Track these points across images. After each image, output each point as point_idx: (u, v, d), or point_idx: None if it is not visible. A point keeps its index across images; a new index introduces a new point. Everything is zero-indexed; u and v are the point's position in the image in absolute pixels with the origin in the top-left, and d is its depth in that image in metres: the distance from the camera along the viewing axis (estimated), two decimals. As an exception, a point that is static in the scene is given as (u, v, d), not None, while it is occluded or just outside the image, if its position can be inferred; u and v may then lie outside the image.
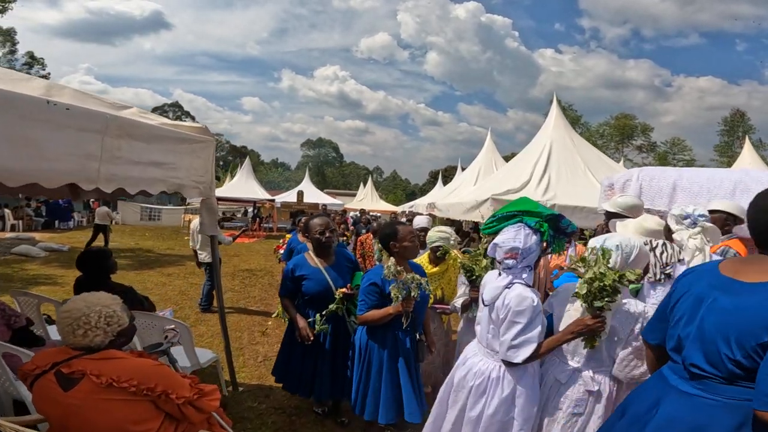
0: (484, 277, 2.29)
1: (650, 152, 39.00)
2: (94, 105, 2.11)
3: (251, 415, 3.29)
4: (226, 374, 3.71)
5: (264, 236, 18.43)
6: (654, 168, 3.82)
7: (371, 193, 27.92)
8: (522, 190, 6.77)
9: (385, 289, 2.48)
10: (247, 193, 21.38)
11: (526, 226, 2.02)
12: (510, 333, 1.88)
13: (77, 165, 1.70)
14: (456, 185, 14.38)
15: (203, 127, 2.64)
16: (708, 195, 3.25)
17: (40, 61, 34.29)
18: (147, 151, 2.10)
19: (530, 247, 1.98)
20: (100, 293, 1.75)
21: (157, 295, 7.06)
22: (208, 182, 2.70)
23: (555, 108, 8.72)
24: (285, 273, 2.94)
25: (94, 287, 3.12)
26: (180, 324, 3.08)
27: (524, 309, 1.86)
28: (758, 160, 11.12)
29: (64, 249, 11.12)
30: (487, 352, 2.06)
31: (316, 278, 2.85)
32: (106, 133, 1.79)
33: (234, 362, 3.78)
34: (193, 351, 3.18)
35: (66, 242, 12.31)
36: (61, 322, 1.64)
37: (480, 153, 14.12)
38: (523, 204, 2.15)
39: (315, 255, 2.93)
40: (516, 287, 1.93)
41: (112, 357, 1.68)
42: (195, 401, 1.79)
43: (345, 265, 3.01)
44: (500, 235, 2.07)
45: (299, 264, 2.91)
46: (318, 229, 2.86)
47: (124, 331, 1.76)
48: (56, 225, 17.39)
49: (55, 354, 1.69)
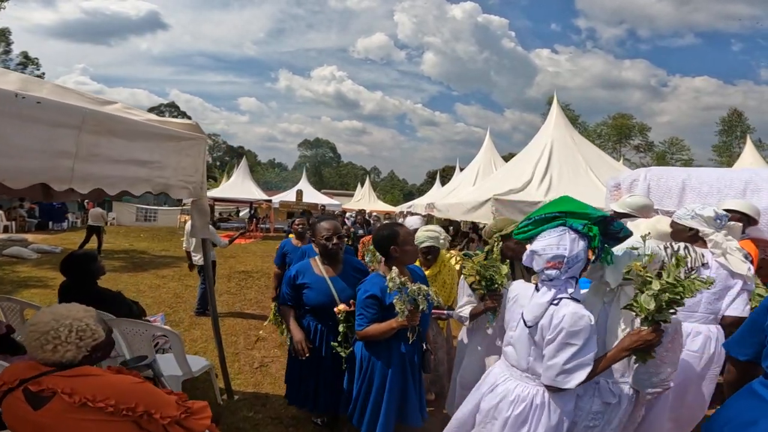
0: (513, 290, 2.00)
1: (648, 152, 39.05)
2: (73, 100, 1.96)
3: (247, 426, 3.15)
4: (221, 381, 3.56)
5: (261, 237, 18.25)
6: (662, 168, 3.73)
7: (369, 193, 27.79)
8: (524, 190, 6.67)
9: (386, 300, 2.23)
10: (244, 193, 21.23)
11: (572, 230, 1.73)
12: (561, 356, 1.64)
13: (48, 163, 1.54)
14: (455, 185, 14.26)
15: (194, 123, 2.48)
16: (718, 195, 3.17)
17: (35, 61, 34.13)
18: (129, 149, 1.93)
19: (577, 254, 1.69)
20: (72, 305, 1.60)
21: (150, 297, 6.90)
22: (199, 182, 2.54)
23: (555, 107, 8.63)
24: (286, 278, 2.69)
25: (79, 293, 3.00)
26: (170, 332, 2.93)
27: (580, 330, 1.61)
28: (760, 160, 11.04)
29: (57, 251, 10.94)
30: (526, 376, 1.81)
31: (320, 288, 2.59)
32: (82, 128, 1.63)
33: (229, 368, 3.62)
34: (184, 359, 3.03)
35: (59, 244, 12.12)
36: (28, 336, 1.50)
37: (479, 153, 14.00)
38: (566, 204, 1.82)
39: (321, 261, 2.67)
40: (568, 304, 1.66)
41: (87, 374, 1.53)
42: (183, 420, 1.65)
43: (352, 275, 2.69)
44: (539, 241, 1.78)
45: (303, 270, 2.66)
46: (325, 234, 2.58)
47: (99, 346, 1.61)
48: (50, 226, 17.18)
49: (23, 369, 1.54)
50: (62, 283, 3.03)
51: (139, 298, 6.78)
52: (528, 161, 7.64)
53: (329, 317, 2.57)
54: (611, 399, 1.83)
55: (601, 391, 1.83)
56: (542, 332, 1.70)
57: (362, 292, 2.31)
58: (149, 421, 1.55)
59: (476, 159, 13.85)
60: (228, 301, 6.94)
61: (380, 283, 2.25)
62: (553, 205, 1.86)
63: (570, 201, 1.84)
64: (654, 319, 1.61)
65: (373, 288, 2.27)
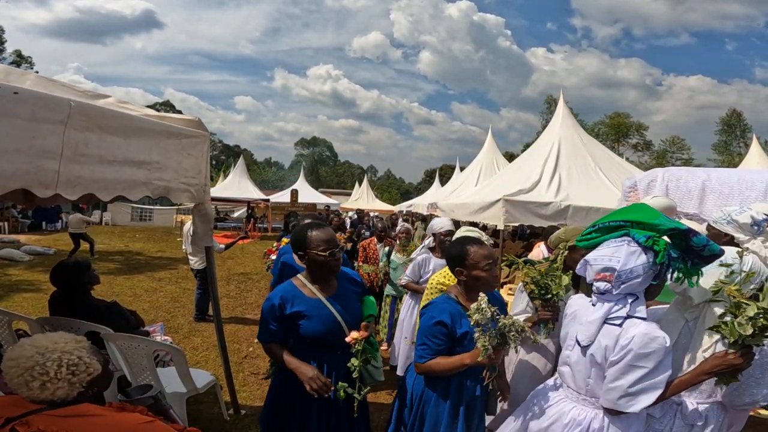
0: (572, 305, 1.85)
1: (645, 150, 39.08)
2: (60, 92, 1.72)
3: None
4: (226, 395, 3.32)
5: (258, 237, 17.96)
6: (680, 168, 3.56)
7: (367, 192, 27.51)
8: (533, 190, 6.47)
9: (457, 330, 1.84)
10: (242, 192, 20.95)
11: (633, 242, 1.59)
12: (627, 379, 1.50)
13: (29, 165, 1.28)
14: (456, 185, 14.05)
15: (196, 119, 2.23)
16: (740, 197, 2.99)
17: (28, 59, 33.63)
18: (124, 148, 1.68)
19: (632, 269, 1.53)
20: (57, 334, 1.36)
21: (147, 302, 6.65)
22: (202, 184, 2.29)
23: (561, 106, 8.44)
24: (266, 311, 2.00)
25: (71, 305, 2.75)
26: (172, 347, 2.69)
27: (652, 352, 1.47)
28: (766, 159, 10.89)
29: (50, 252, 10.65)
30: (583, 399, 1.66)
31: (319, 314, 1.98)
32: (68, 124, 1.38)
33: (234, 380, 3.39)
34: (188, 375, 2.80)
35: (52, 245, 11.82)
36: (9, 372, 1.26)
37: (481, 152, 13.80)
38: (635, 213, 1.66)
39: (311, 280, 2.05)
40: (637, 324, 1.52)
41: (84, 414, 1.29)
42: None
43: (351, 291, 2.15)
44: (596, 250, 1.66)
45: (289, 297, 1.99)
46: (322, 247, 1.95)
47: (96, 380, 1.37)
48: (43, 227, 16.84)
49: (8, 405, 1.30)
50: (53, 294, 2.79)
51: (136, 302, 6.53)
52: (535, 161, 7.45)
53: (335, 350, 2.00)
54: (697, 420, 1.65)
55: (683, 412, 1.66)
56: (606, 353, 1.55)
57: (427, 318, 1.90)
58: None
59: (478, 158, 13.65)
60: (228, 305, 6.70)
61: (450, 308, 1.87)
62: (622, 212, 1.69)
63: (642, 209, 1.67)
64: (744, 343, 1.42)
65: (442, 314, 1.85)
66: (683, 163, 35.44)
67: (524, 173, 7.29)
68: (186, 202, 2.25)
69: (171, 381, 2.87)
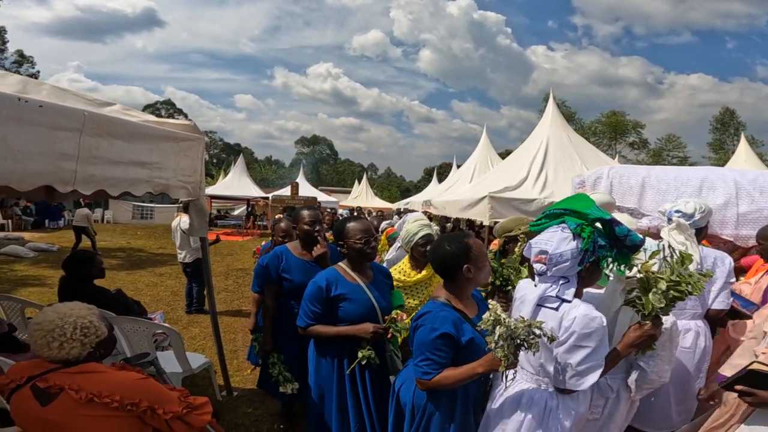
0: (520, 289, 1.93)
1: (643, 149, 39.29)
2: (72, 102, 1.98)
3: (246, 422, 3.20)
4: (220, 379, 3.60)
5: (258, 234, 18.27)
6: (624, 166, 3.84)
7: (366, 190, 27.80)
8: (519, 187, 6.72)
9: (462, 337, 1.74)
10: (242, 190, 21.19)
11: (566, 228, 1.71)
12: (574, 358, 1.59)
13: (52, 166, 1.57)
14: (451, 182, 14.31)
15: (192, 124, 2.51)
16: (675, 192, 3.26)
17: (30, 59, 33.90)
18: (129, 150, 1.96)
19: (562, 253, 1.66)
20: (74, 303, 1.64)
21: (148, 296, 6.93)
22: (197, 182, 2.57)
23: (551, 105, 8.66)
24: (311, 292, 2.22)
25: (78, 291, 3.03)
26: (170, 329, 2.97)
27: (593, 331, 1.58)
28: (753, 156, 11.15)
29: (54, 249, 10.94)
30: (538, 379, 1.75)
31: (359, 299, 2.21)
32: (83, 131, 1.67)
33: (228, 366, 3.66)
34: (184, 356, 3.08)
35: (55, 242, 12.11)
36: (34, 335, 1.54)
37: (475, 150, 14.04)
38: (575, 202, 1.80)
39: (351, 268, 2.30)
40: (578, 306, 1.63)
41: (92, 371, 1.57)
42: (184, 416, 1.70)
43: (383, 282, 2.40)
44: (540, 235, 1.81)
45: (333, 280, 2.21)
46: (360, 236, 2.22)
47: (102, 342, 1.65)
48: (46, 224, 17.14)
49: (30, 367, 1.58)
50: (61, 279, 3.07)
51: (137, 296, 6.80)
52: (524, 159, 7.68)
53: None
54: (610, 393, 1.88)
55: (599, 386, 1.84)
56: (551, 334, 1.64)
57: (427, 330, 1.71)
58: (152, 416, 1.59)
59: (473, 156, 13.89)
60: (226, 298, 6.98)
61: (450, 317, 1.74)
62: (564, 201, 1.85)
63: (579, 199, 1.81)
64: (655, 313, 1.65)
65: (444, 325, 1.70)
66: (679, 161, 35.73)
67: (513, 171, 7.53)
68: (183, 198, 2.52)
69: (168, 363, 3.12)
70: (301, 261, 2.75)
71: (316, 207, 3.50)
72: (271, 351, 2.77)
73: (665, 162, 35.48)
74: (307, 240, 2.74)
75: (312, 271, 2.57)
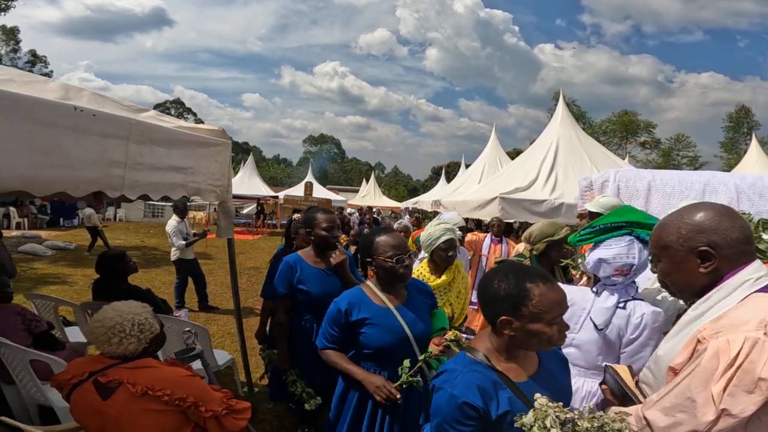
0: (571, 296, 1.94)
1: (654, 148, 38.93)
2: (112, 108, 2.09)
3: (269, 417, 3.31)
4: (242, 375, 3.71)
5: (268, 233, 18.46)
6: (629, 169, 3.91)
7: (374, 189, 27.85)
8: (529, 188, 6.78)
9: (492, 411, 1.20)
10: (252, 190, 21.36)
11: (638, 240, 1.82)
12: (647, 351, 1.73)
13: (103, 173, 1.69)
14: (460, 182, 14.34)
15: (220, 129, 2.61)
16: (680, 196, 3.34)
17: (43, 59, 34.35)
18: (167, 156, 2.08)
19: (644, 262, 1.79)
20: (129, 302, 1.75)
21: (165, 294, 7.02)
22: (225, 185, 2.68)
23: (561, 105, 8.70)
24: (332, 314, 1.93)
25: (110, 290, 3.16)
26: (198, 327, 3.08)
27: (660, 325, 1.74)
28: (765, 157, 11.04)
29: (71, 247, 11.14)
30: (593, 373, 1.87)
31: (386, 324, 1.87)
32: (129, 138, 1.78)
33: (247, 362, 3.78)
34: (211, 353, 3.19)
35: (72, 240, 12.32)
36: (95, 332, 1.64)
37: (484, 150, 14.08)
38: (630, 214, 1.91)
39: (381, 288, 1.95)
40: (640, 305, 1.79)
41: (146, 366, 1.68)
42: (222, 417, 1.75)
43: (421, 301, 2.04)
44: (607, 250, 1.85)
45: (356, 302, 1.91)
46: (391, 253, 1.90)
47: (155, 338, 1.76)
48: (61, 223, 17.40)
49: (90, 363, 1.69)
50: (95, 280, 3.20)
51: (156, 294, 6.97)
52: (534, 160, 7.73)
53: (395, 363, 1.84)
54: None
55: None
56: (620, 332, 1.79)
57: (446, 396, 1.22)
58: (195, 412, 1.67)
59: (482, 156, 13.93)
60: (240, 297, 7.09)
61: (479, 380, 1.23)
62: (616, 214, 1.95)
63: (633, 211, 1.94)
64: None
65: (468, 392, 1.20)
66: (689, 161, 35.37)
67: (523, 171, 7.58)
68: (212, 200, 2.63)
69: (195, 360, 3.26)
70: (316, 270, 2.53)
71: (331, 210, 3.06)
72: (289, 369, 2.56)
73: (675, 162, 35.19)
74: (324, 246, 2.53)
75: (329, 281, 2.46)
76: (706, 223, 1.16)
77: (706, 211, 1.19)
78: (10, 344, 2.43)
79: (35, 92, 1.67)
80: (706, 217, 1.17)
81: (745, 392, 1.01)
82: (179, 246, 6.09)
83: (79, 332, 3.44)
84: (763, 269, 1.13)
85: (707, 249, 1.14)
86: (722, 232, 1.14)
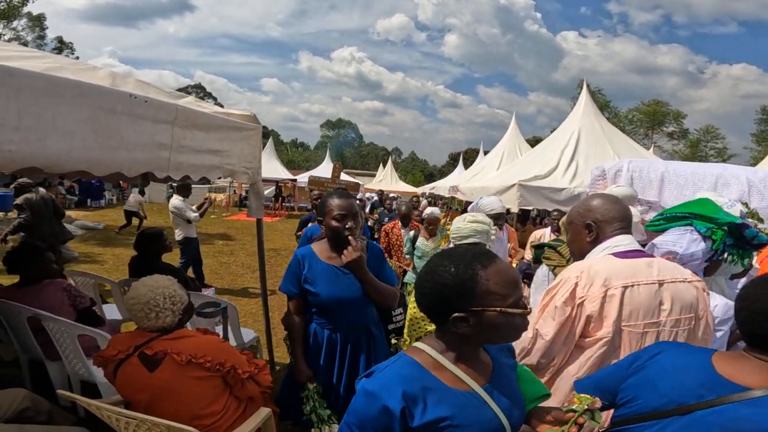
0: None
1: (681, 139, 37.77)
2: (155, 94, 2.22)
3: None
4: (265, 353, 3.88)
5: (286, 215, 18.78)
6: (643, 160, 3.92)
7: (391, 173, 27.85)
8: (549, 176, 6.74)
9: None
10: (270, 173, 21.62)
11: (695, 231, 1.88)
12: (715, 343, 1.75)
13: (152, 155, 1.83)
14: (478, 169, 14.27)
15: (252, 115, 2.73)
16: (693, 187, 3.35)
17: (69, 45, 34.94)
18: (206, 140, 2.21)
19: (693, 253, 1.83)
20: (156, 276, 1.84)
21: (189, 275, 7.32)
22: (256, 168, 2.81)
23: (585, 94, 8.54)
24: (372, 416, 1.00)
25: (146, 267, 3.33)
26: (228, 303, 3.25)
27: (730, 318, 1.76)
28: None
29: (100, 227, 11.53)
30: None
31: (476, 419, 1.00)
32: (175, 123, 1.91)
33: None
34: (239, 330, 3.36)
35: (100, 220, 12.75)
36: (132, 308, 1.74)
37: (504, 137, 13.94)
38: (700, 206, 1.96)
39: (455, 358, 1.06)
40: (716, 296, 1.81)
41: (185, 335, 1.80)
42: (255, 376, 1.90)
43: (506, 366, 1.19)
44: (663, 235, 1.94)
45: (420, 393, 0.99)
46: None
47: (186, 308, 1.87)
48: (88, 203, 17.92)
49: (132, 338, 1.78)
50: (132, 258, 3.39)
51: (180, 273, 7.23)
52: (554, 148, 7.66)
53: None
54: None
55: None
56: None
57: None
58: (233, 375, 1.80)
59: (501, 143, 13.80)
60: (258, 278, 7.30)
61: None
62: (687, 205, 2.03)
63: (705, 204, 1.98)
64: None
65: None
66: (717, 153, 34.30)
67: (543, 159, 7.52)
68: (245, 182, 2.76)
69: (222, 336, 3.43)
70: (327, 266, 2.02)
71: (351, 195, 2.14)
72: (307, 381, 2.02)
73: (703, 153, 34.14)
74: (335, 240, 2.00)
75: (342, 281, 1.98)
76: (594, 206, 1.57)
77: (598, 199, 1.60)
78: (59, 319, 2.47)
79: (87, 79, 1.80)
80: (596, 203, 1.58)
81: (550, 318, 1.43)
82: (194, 219, 6.11)
83: (113, 309, 3.59)
84: (625, 241, 1.51)
85: (590, 222, 1.55)
86: (603, 212, 1.54)
